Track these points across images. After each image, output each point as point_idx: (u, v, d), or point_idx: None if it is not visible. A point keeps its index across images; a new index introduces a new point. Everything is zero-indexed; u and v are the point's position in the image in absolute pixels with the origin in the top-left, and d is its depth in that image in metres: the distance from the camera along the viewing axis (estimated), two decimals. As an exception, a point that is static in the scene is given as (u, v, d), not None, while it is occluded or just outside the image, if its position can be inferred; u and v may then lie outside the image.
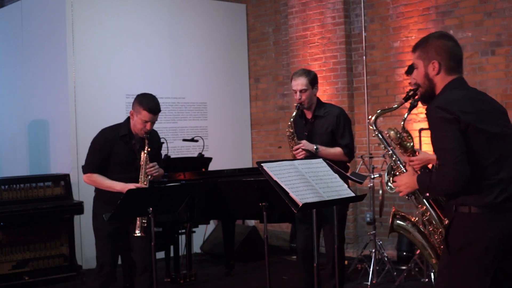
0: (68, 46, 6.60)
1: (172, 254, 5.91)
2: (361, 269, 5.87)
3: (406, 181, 2.87)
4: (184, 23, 7.54)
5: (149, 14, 7.27)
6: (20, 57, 7.40)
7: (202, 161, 6.17)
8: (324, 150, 4.51)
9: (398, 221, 3.08)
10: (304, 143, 4.49)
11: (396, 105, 3.19)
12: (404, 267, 5.78)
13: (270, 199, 3.91)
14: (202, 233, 7.10)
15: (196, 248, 6.98)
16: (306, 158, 4.36)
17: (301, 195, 3.47)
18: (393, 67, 6.69)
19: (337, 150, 4.56)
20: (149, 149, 4.22)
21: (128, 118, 4.34)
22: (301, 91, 4.53)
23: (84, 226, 6.22)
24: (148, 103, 4.23)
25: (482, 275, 2.62)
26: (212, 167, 6.27)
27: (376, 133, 3.15)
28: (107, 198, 4.25)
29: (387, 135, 3.20)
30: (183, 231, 5.97)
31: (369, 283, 5.48)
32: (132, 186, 4.15)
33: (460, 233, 2.65)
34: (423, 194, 2.89)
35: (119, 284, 5.25)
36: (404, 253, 6.21)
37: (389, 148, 3.10)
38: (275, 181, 3.52)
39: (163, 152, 6.09)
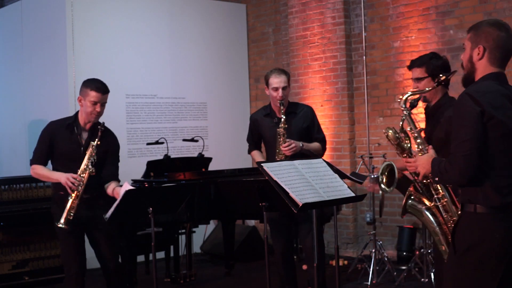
0: (68, 46, 6.60)
1: (172, 254, 5.92)
2: (361, 269, 5.87)
3: (423, 161, 2.86)
4: (184, 23, 7.54)
5: (149, 14, 7.27)
6: (20, 57, 7.39)
7: (202, 161, 6.17)
8: (308, 145, 4.63)
9: (411, 202, 3.09)
10: (292, 141, 4.53)
11: (428, 89, 3.28)
12: (404, 267, 5.78)
13: (270, 199, 3.91)
14: (202, 233, 7.10)
15: (196, 248, 6.97)
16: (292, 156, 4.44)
17: (301, 195, 3.47)
18: (393, 67, 6.69)
19: (316, 145, 4.71)
20: (99, 142, 4.09)
21: (78, 112, 4.26)
22: (283, 88, 4.61)
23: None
24: (95, 84, 4.18)
25: (489, 277, 2.56)
26: (212, 167, 6.27)
27: (406, 112, 3.17)
28: (58, 197, 4.16)
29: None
30: (183, 231, 5.98)
31: (369, 283, 5.48)
32: (70, 175, 4.01)
33: (466, 233, 2.60)
34: (433, 178, 2.87)
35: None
36: (404, 253, 6.21)
37: (415, 130, 3.13)
38: (275, 181, 3.52)
39: (163, 152, 6.13)
